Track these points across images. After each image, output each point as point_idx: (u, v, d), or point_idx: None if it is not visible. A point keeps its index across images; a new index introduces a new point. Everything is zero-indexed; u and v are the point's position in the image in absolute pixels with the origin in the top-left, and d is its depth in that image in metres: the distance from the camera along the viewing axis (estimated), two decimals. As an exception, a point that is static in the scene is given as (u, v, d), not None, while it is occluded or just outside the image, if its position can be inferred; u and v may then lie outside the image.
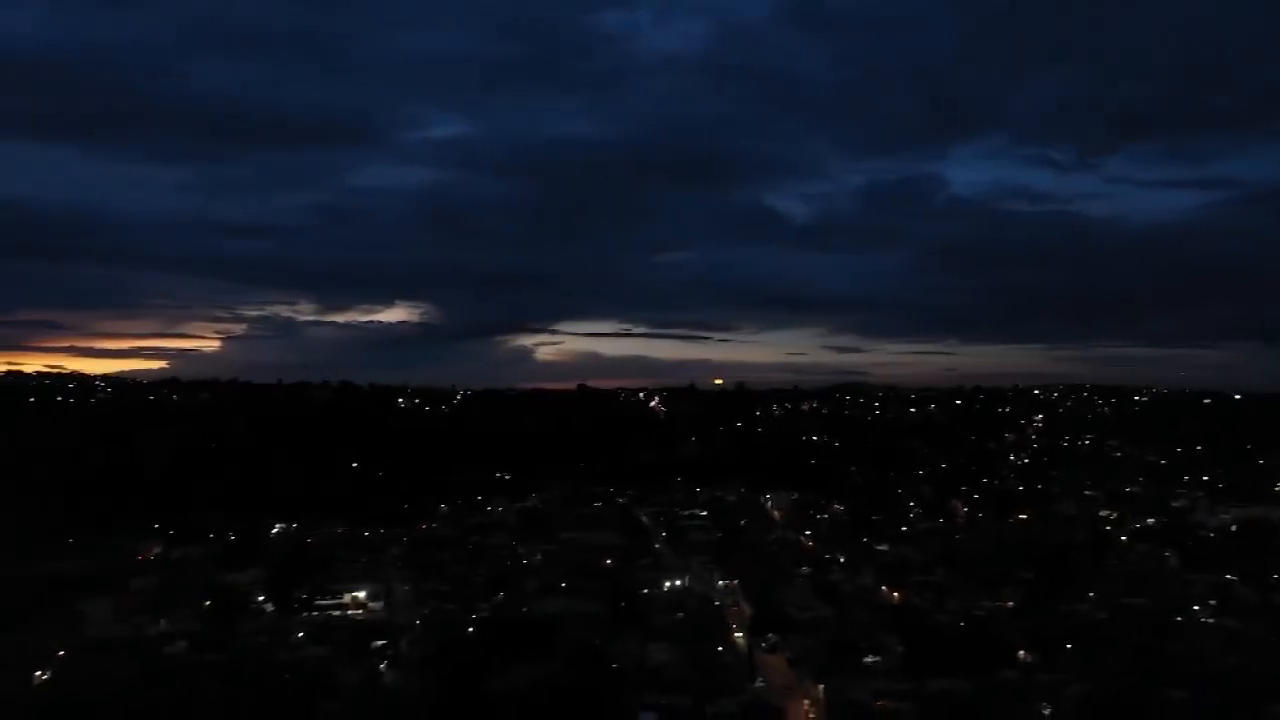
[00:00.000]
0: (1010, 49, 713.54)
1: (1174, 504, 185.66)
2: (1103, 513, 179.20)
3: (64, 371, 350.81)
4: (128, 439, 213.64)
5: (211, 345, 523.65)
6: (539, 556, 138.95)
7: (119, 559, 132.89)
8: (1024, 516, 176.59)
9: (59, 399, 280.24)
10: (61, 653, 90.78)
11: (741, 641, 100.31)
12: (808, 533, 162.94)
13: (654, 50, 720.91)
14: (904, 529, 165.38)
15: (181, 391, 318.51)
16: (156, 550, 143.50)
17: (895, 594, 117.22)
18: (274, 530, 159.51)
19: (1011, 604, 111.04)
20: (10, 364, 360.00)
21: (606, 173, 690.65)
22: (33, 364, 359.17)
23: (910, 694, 78.16)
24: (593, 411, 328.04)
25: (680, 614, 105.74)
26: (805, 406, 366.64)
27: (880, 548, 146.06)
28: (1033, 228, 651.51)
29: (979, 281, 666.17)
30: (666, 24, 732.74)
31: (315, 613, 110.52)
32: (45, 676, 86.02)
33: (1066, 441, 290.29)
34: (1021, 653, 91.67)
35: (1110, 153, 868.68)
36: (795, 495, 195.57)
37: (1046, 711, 75.53)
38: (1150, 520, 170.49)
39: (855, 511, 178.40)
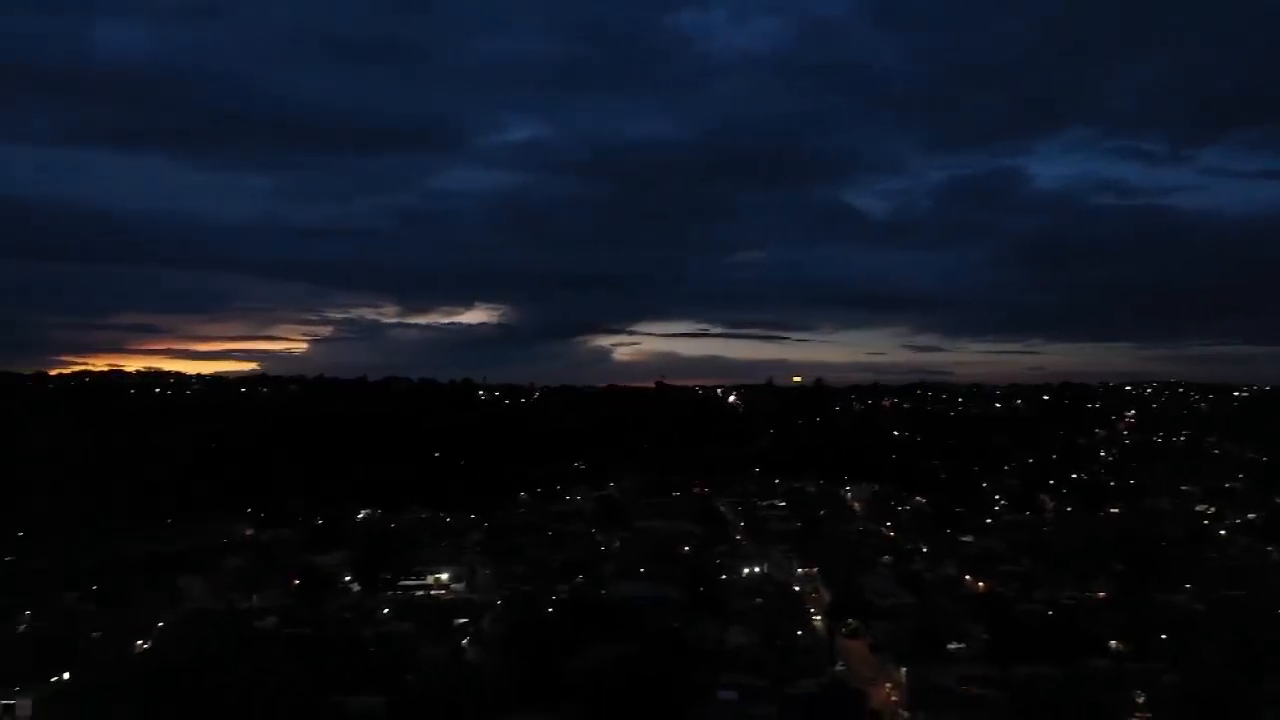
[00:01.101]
0: (1099, 37, 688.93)
1: (1278, 499, 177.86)
2: (1199, 507, 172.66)
3: (162, 371, 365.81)
4: (220, 430, 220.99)
5: (299, 347, 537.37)
6: (617, 543, 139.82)
7: (213, 540, 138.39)
8: (1115, 510, 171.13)
9: (157, 390, 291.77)
10: (161, 624, 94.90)
11: (821, 626, 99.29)
12: (888, 523, 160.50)
13: (730, 49, 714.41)
14: (988, 521, 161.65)
15: (270, 385, 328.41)
16: (248, 533, 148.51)
17: (980, 583, 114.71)
18: (359, 515, 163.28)
19: (1103, 595, 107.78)
20: (112, 365, 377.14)
21: (683, 173, 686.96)
22: (133, 365, 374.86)
23: (996, 680, 76.44)
24: (670, 406, 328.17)
25: (759, 599, 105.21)
26: (886, 402, 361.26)
27: (964, 539, 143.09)
28: (1122, 222, 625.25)
29: (1066, 278, 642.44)
30: (743, 23, 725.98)
31: (399, 592, 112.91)
32: (146, 645, 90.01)
33: (1160, 438, 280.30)
34: (1113, 643, 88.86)
35: (1205, 144, 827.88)
36: (876, 487, 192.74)
37: (1140, 699, 73.07)
38: (1251, 515, 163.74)
39: (938, 504, 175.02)
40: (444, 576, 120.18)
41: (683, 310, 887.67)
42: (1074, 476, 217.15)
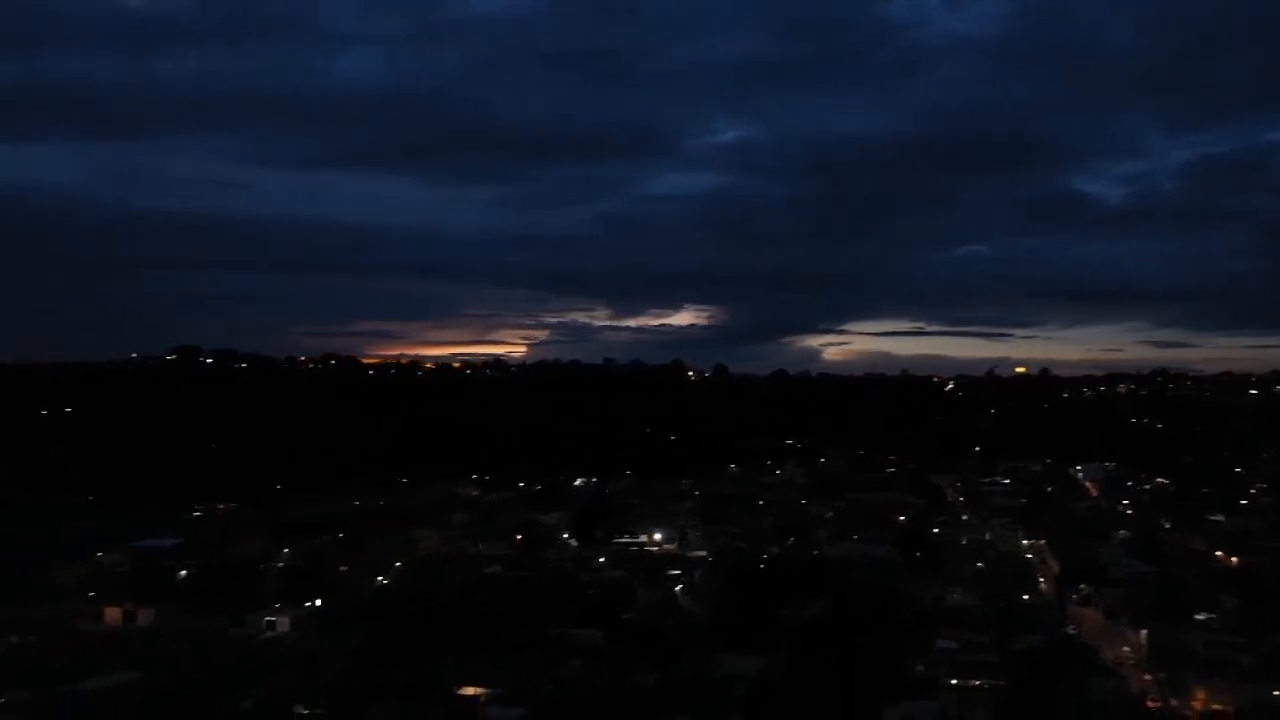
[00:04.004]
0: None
1: None
2: None
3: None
4: (451, 406, 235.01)
5: (519, 350, 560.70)
6: (830, 513, 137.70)
7: (444, 498, 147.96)
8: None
9: (393, 372, 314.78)
10: (398, 564, 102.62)
11: (1049, 591, 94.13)
12: (1125, 502, 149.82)
13: (947, 34, 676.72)
14: (1242, 503, 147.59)
15: (497, 369, 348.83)
16: (475, 493, 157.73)
17: (1232, 559, 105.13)
18: (576, 482, 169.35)
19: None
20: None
21: (899, 166, 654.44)
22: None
23: (1248, 647, 70.11)
24: (884, 390, 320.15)
25: (980, 564, 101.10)
26: (1121, 389, 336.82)
27: (1213, 518, 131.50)
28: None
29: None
30: (959, 6, 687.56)
31: (614, 547, 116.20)
32: (385, 582, 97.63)
33: None
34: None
35: None
36: (1110, 466, 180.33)
37: None
38: None
39: (1182, 485, 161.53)
40: (657, 536, 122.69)
41: (898, 308, 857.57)
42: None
